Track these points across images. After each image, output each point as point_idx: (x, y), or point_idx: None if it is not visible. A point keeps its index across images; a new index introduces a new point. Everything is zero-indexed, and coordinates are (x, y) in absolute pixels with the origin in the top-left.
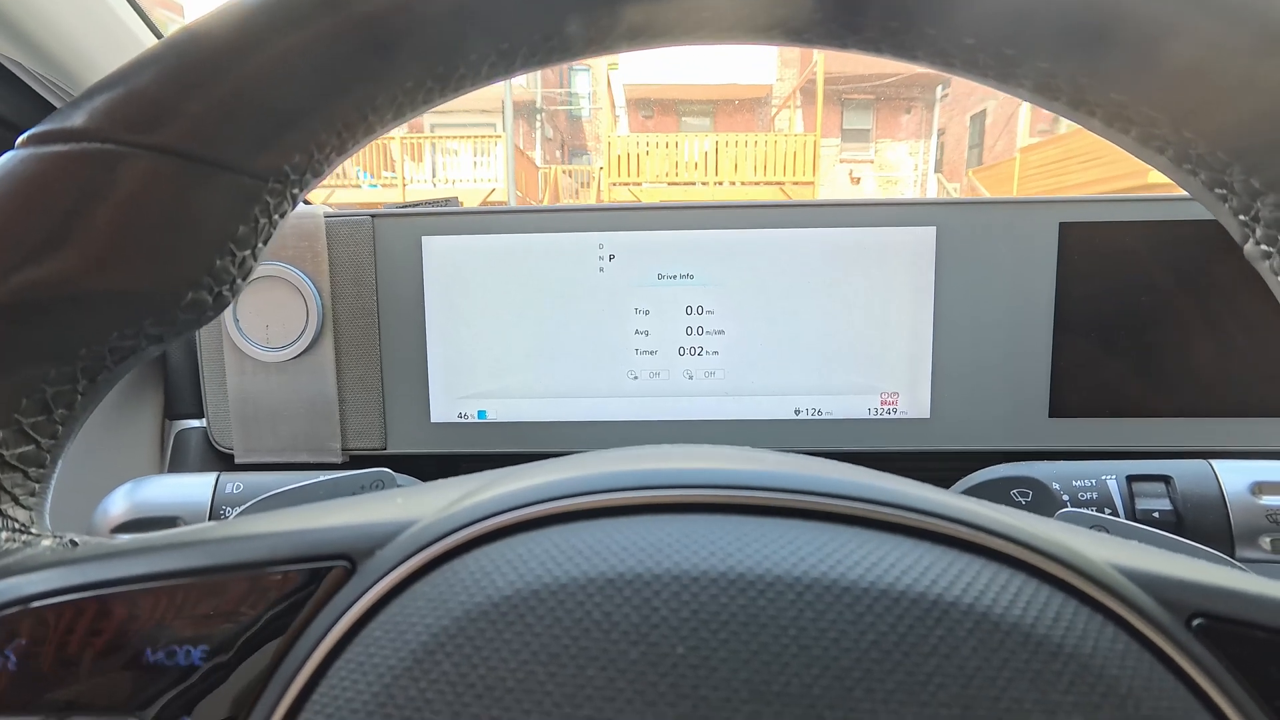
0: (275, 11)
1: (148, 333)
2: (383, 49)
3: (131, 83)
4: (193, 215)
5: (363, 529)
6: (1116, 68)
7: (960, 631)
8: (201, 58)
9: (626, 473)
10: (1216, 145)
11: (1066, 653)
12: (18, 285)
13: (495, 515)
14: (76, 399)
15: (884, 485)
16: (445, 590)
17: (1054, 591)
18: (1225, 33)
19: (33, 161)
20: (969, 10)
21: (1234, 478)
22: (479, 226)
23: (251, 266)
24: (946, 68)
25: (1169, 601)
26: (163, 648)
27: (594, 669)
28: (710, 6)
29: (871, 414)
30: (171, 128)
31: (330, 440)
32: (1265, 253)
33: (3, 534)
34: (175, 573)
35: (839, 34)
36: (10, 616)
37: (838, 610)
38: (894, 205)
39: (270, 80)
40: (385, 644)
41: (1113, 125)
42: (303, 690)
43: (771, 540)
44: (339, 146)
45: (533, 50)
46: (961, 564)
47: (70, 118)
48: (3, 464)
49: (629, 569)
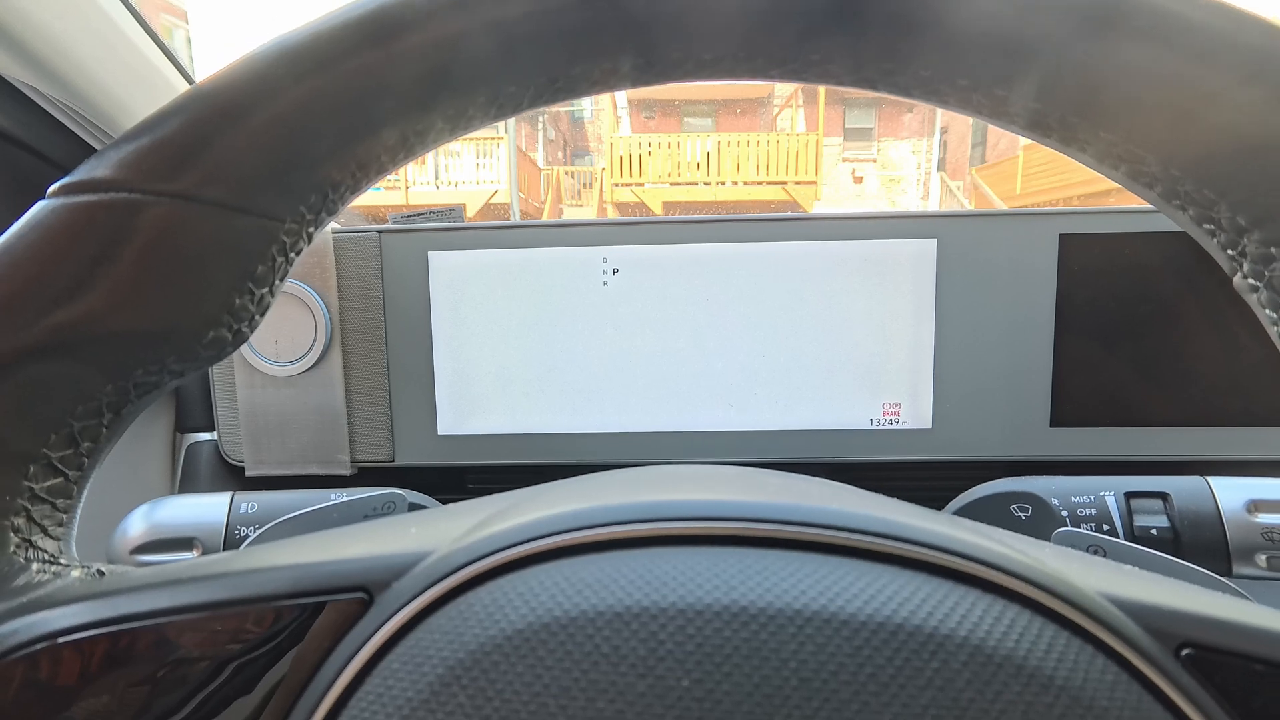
0: (293, 61)
1: (170, 369)
2: (396, 96)
3: (156, 133)
4: (212, 257)
5: (379, 561)
6: (1105, 110)
7: (955, 664)
8: (222, 107)
9: (633, 505)
10: (1203, 184)
11: (1058, 685)
12: (47, 328)
13: (508, 548)
14: (102, 432)
15: (882, 516)
16: (460, 623)
17: (1046, 623)
18: (1205, 76)
19: (62, 211)
20: (963, 54)
21: (1230, 495)
22: (484, 241)
23: (269, 303)
24: (941, 104)
25: (1158, 631)
26: (184, 678)
27: (603, 701)
28: (712, 49)
29: (874, 424)
30: (192, 176)
31: (339, 452)
32: (1253, 286)
33: (34, 565)
34: (198, 606)
35: (838, 74)
36: (40, 652)
37: (837, 643)
38: (895, 218)
39: (288, 128)
40: (403, 675)
41: (1103, 162)
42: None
43: (773, 573)
44: (353, 186)
45: (539, 92)
46: (956, 596)
47: (97, 169)
48: (33, 497)
49: (635, 603)
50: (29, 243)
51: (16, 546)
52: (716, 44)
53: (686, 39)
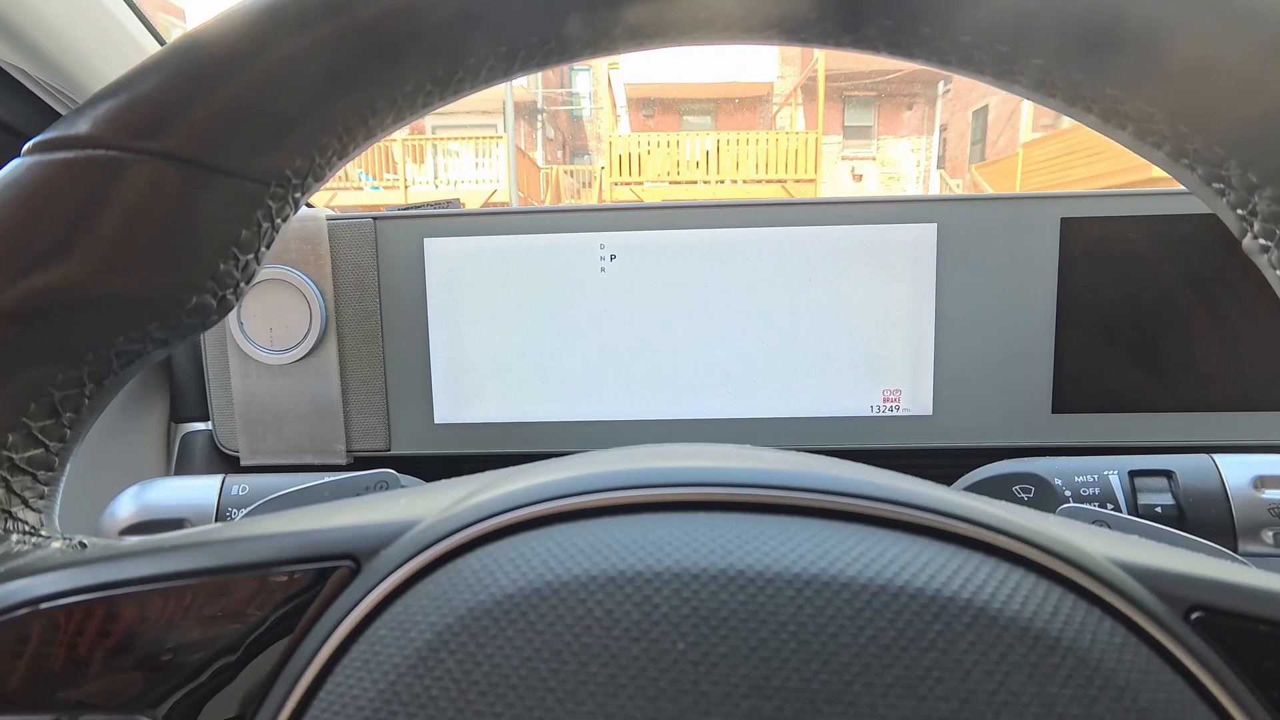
0: (276, 17)
1: (153, 336)
2: (383, 54)
3: (135, 90)
4: (196, 220)
5: (367, 529)
6: (1113, 66)
7: (958, 626)
8: (203, 64)
9: (627, 471)
10: (1213, 140)
11: (1064, 646)
12: (25, 290)
13: (498, 515)
14: (84, 402)
15: (882, 482)
16: (449, 589)
17: (1052, 586)
18: (1228, 32)
19: (38, 169)
20: (965, 9)
21: (1236, 472)
22: (480, 228)
23: (255, 270)
24: (943, 65)
25: (1167, 595)
26: (172, 647)
27: (596, 665)
28: (707, 7)
29: (874, 411)
30: (174, 134)
31: (335, 442)
32: (1263, 246)
33: (13, 536)
34: (183, 573)
35: (835, 33)
36: (22, 618)
37: (836, 606)
38: (895, 203)
39: (271, 85)
40: (390, 642)
41: (1109, 121)
42: (309, 688)
43: (770, 537)
44: (340, 150)
45: (531, 52)
46: (960, 559)
47: (75, 125)
48: (12, 467)
49: (630, 567)
50: (3, 202)
51: None
52: (712, 2)
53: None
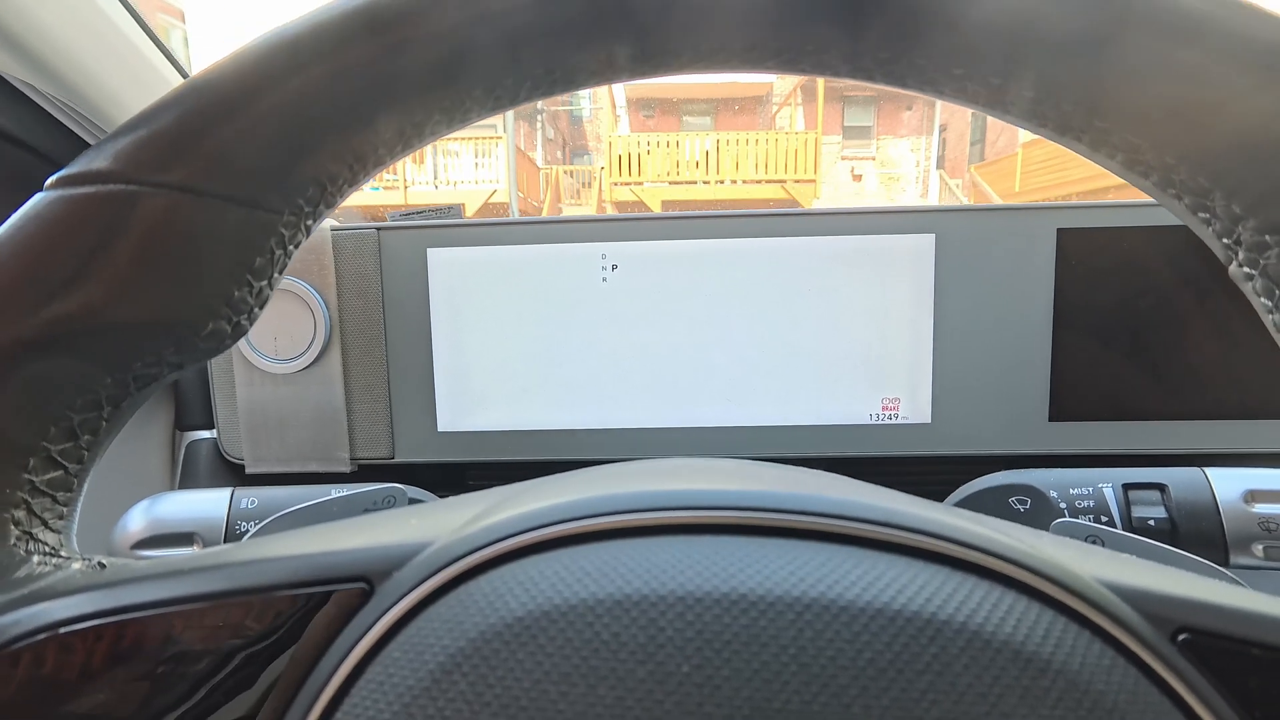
0: (290, 52)
1: (169, 361)
2: (393, 87)
3: (152, 125)
4: (210, 248)
5: (380, 551)
6: (1101, 98)
7: (953, 649)
8: (217, 99)
9: (632, 494)
10: (1198, 172)
11: (1055, 669)
12: (46, 319)
13: (507, 538)
14: (101, 425)
15: (880, 504)
16: (461, 612)
17: (1043, 608)
18: (1210, 68)
19: (59, 203)
20: (960, 44)
21: (1227, 485)
22: (483, 238)
23: (268, 296)
24: (937, 95)
25: (1154, 616)
26: (185, 667)
27: (604, 688)
28: (709, 40)
29: (873, 419)
30: (189, 167)
31: (339, 450)
32: (1248, 275)
33: (35, 558)
34: (199, 596)
35: (833, 64)
36: (40, 643)
37: (835, 629)
38: (893, 213)
39: (285, 119)
40: (404, 664)
41: (1099, 150)
42: (325, 710)
43: (771, 561)
44: (350, 179)
45: (536, 83)
46: (954, 582)
47: (94, 160)
48: (34, 490)
49: (635, 590)
50: (27, 235)
51: (17, 539)
52: (712, 35)
53: (682, 29)
